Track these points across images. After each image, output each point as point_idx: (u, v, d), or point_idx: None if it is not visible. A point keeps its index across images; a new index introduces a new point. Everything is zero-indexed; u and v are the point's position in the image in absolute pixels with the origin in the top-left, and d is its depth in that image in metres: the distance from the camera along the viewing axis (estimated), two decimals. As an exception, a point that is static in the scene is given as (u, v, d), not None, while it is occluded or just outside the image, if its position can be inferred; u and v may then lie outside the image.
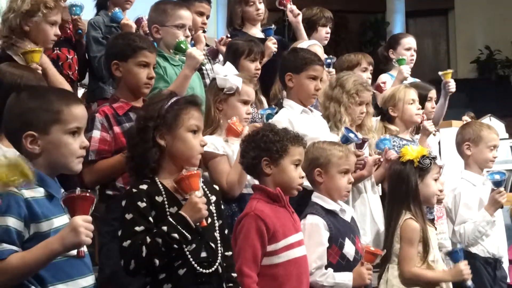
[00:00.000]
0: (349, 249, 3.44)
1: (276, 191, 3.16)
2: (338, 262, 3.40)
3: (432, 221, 4.46)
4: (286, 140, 3.18)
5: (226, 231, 2.95)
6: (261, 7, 5.38)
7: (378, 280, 3.89)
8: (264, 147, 3.18)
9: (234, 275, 2.96)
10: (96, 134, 3.41)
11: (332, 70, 5.09)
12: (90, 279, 2.43)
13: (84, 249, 2.28)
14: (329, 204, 3.52)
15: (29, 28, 3.95)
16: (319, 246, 3.36)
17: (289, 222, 3.21)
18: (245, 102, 3.80)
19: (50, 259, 2.24)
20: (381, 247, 3.87)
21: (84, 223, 2.22)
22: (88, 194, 2.26)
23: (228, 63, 4.00)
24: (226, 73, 3.79)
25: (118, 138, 3.41)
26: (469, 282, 3.85)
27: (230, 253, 2.95)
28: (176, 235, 2.63)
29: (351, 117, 4.30)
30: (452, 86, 5.49)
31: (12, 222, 2.23)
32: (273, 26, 5.27)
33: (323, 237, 3.38)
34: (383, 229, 4.09)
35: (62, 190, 2.41)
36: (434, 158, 3.98)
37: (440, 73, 5.55)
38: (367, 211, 4.22)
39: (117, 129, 3.43)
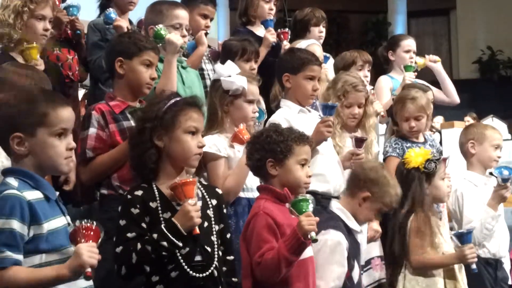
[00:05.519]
0: (356, 272, 3.38)
1: (283, 192, 3.08)
2: (345, 283, 3.33)
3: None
4: (290, 140, 3.11)
5: (228, 235, 2.93)
6: (274, 8, 5.37)
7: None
8: (268, 148, 3.11)
9: (235, 280, 2.94)
10: (93, 132, 3.38)
11: (326, 66, 5.00)
12: (89, 281, 2.43)
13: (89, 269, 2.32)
14: (351, 222, 3.47)
15: (19, 26, 3.84)
16: (340, 267, 3.30)
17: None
18: (251, 102, 3.75)
19: (56, 283, 2.31)
20: None
21: (87, 247, 2.29)
22: (98, 226, 2.34)
23: (229, 61, 3.91)
24: (229, 73, 3.71)
25: (114, 136, 3.38)
26: (474, 266, 3.85)
27: (231, 257, 2.94)
28: (165, 243, 2.66)
29: (340, 119, 4.23)
30: (433, 58, 5.77)
31: (16, 225, 2.27)
32: (272, 17, 5.19)
33: (344, 258, 3.31)
34: None
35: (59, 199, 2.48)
36: (438, 159, 3.95)
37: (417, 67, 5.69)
38: None
39: (113, 126, 3.40)
